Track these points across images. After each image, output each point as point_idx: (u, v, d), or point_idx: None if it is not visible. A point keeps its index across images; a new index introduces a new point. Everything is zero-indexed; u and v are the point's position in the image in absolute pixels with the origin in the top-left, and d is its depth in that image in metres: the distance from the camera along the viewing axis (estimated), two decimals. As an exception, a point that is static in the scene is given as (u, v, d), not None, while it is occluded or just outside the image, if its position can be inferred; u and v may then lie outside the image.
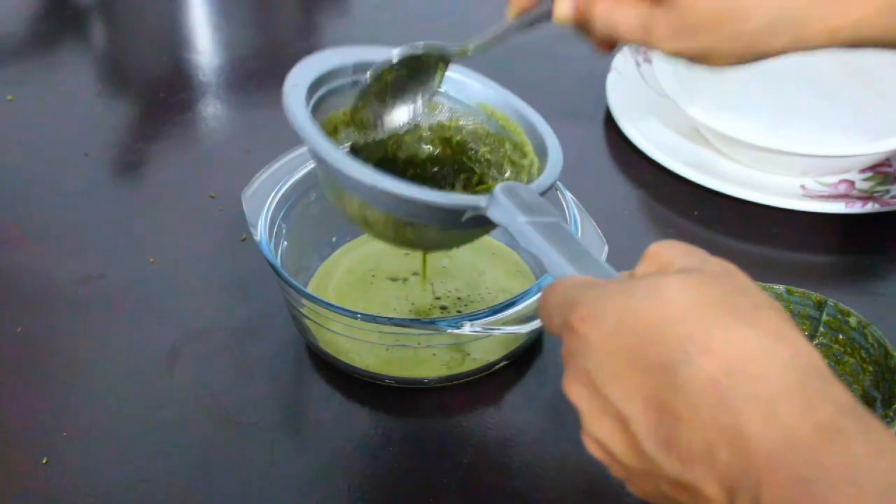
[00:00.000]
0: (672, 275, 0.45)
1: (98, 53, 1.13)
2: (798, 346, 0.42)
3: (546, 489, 0.66)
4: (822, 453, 0.39)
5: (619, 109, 0.95)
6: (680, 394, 0.41)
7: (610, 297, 0.44)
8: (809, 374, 0.41)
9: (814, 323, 0.74)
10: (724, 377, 0.41)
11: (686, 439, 0.41)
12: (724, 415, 0.40)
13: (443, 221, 0.62)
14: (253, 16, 1.18)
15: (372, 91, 0.69)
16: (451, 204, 0.59)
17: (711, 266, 0.46)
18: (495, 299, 0.76)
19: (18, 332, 0.77)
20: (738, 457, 0.40)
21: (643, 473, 0.44)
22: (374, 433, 0.70)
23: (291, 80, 0.65)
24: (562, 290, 0.47)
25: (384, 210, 0.62)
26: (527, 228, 0.54)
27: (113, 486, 0.67)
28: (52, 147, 0.95)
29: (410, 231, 0.63)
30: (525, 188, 0.58)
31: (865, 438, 0.39)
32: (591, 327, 0.44)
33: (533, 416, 0.72)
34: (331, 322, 0.70)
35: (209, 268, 0.82)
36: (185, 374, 0.74)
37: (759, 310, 0.43)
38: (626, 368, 0.43)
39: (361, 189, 0.61)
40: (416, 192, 0.59)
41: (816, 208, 0.86)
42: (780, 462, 0.39)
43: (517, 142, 0.70)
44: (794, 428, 0.39)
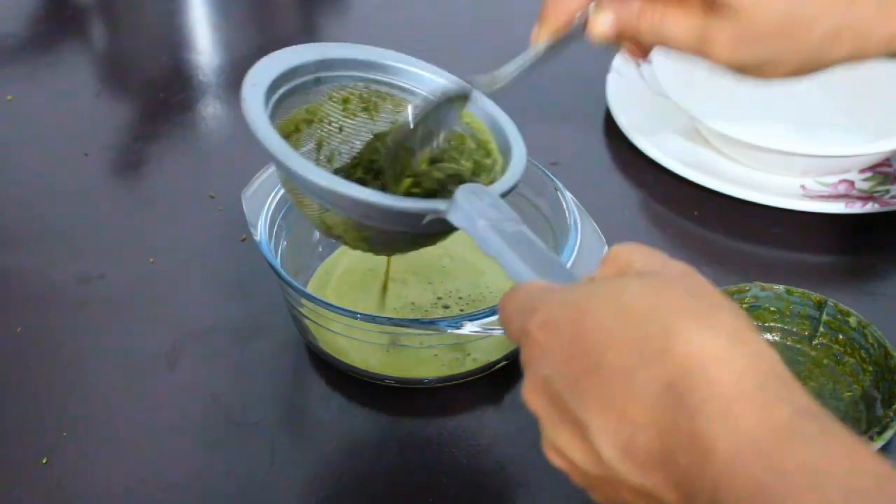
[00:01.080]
0: (629, 278, 0.44)
1: (98, 53, 1.13)
2: (756, 347, 0.41)
3: (546, 489, 0.66)
4: (781, 457, 0.38)
5: (619, 109, 0.95)
6: (637, 398, 0.41)
7: (566, 303, 0.44)
8: (767, 375, 0.40)
9: (814, 323, 0.74)
10: (681, 380, 0.40)
11: (644, 445, 0.41)
12: (681, 419, 0.40)
13: (404, 225, 0.60)
14: (253, 16, 1.18)
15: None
16: (413, 208, 0.58)
17: (670, 268, 0.46)
18: (496, 299, 0.76)
19: (18, 332, 0.77)
20: (696, 461, 0.39)
21: (603, 481, 0.43)
22: (374, 433, 0.70)
23: (250, 80, 0.64)
24: (520, 297, 0.47)
25: (343, 214, 0.61)
26: (487, 233, 0.53)
27: (113, 486, 0.67)
28: (52, 147, 0.95)
29: (371, 234, 0.62)
30: (486, 191, 0.57)
31: (824, 440, 0.38)
32: (548, 333, 0.44)
33: (533, 416, 0.72)
34: (330, 322, 0.70)
35: (209, 268, 0.82)
36: (185, 374, 0.74)
37: (717, 311, 0.42)
38: (584, 374, 0.42)
39: (320, 193, 0.60)
40: (376, 197, 0.58)
41: (816, 208, 0.86)
42: (737, 466, 0.38)
43: (481, 140, 0.68)
44: (752, 431, 0.39)
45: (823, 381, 0.72)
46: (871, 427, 0.67)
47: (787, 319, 0.74)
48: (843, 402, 0.71)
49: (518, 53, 0.69)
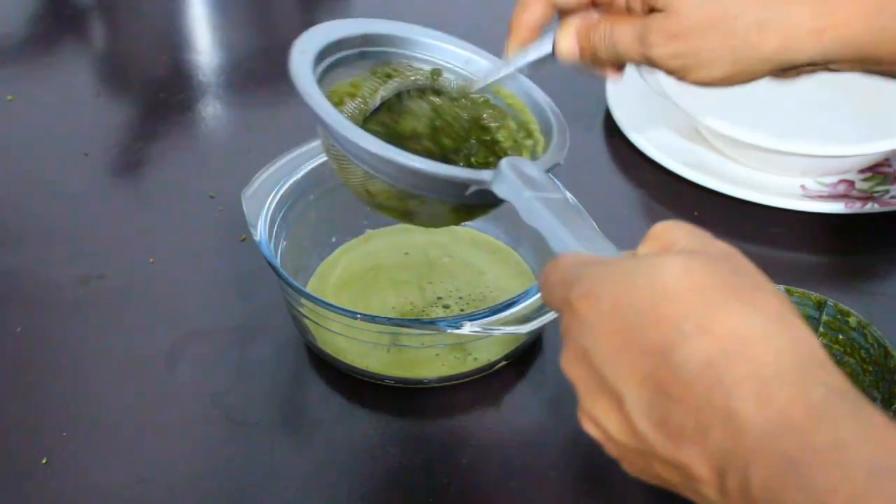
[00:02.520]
0: (673, 255, 0.45)
1: (98, 53, 1.13)
2: (796, 329, 0.42)
3: (546, 489, 0.66)
4: (811, 434, 0.39)
5: (619, 110, 0.95)
6: (675, 374, 0.41)
7: (609, 276, 0.44)
8: (805, 357, 0.41)
9: (814, 323, 0.74)
10: (720, 358, 0.41)
11: (679, 419, 0.41)
12: (717, 395, 0.40)
13: (447, 195, 0.61)
14: (253, 16, 1.18)
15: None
16: (457, 177, 0.58)
17: (714, 248, 0.46)
18: (496, 299, 0.76)
19: (18, 332, 0.77)
20: (730, 437, 0.40)
21: (636, 452, 0.44)
22: (374, 433, 0.70)
23: (299, 47, 0.64)
24: (563, 267, 0.47)
25: (388, 181, 0.61)
26: (533, 203, 0.53)
27: (113, 486, 0.67)
28: (52, 147, 0.95)
29: (414, 203, 0.62)
30: (530, 164, 0.57)
31: (854, 420, 0.39)
32: (589, 305, 0.44)
33: (533, 416, 0.72)
34: (330, 322, 0.70)
35: (209, 268, 0.82)
36: (185, 374, 0.74)
37: (758, 292, 0.43)
38: (623, 347, 0.43)
39: (366, 158, 0.60)
40: (422, 164, 0.58)
41: (816, 208, 0.86)
42: (769, 443, 0.39)
43: (522, 120, 0.68)
44: (786, 409, 0.39)
45: (823, 381, 0.72)
46: (871, 427, 0.67)
47: (787, 319, 0.74)
48: (843, 402, 0.71)
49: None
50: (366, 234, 0.82)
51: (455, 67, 0.70)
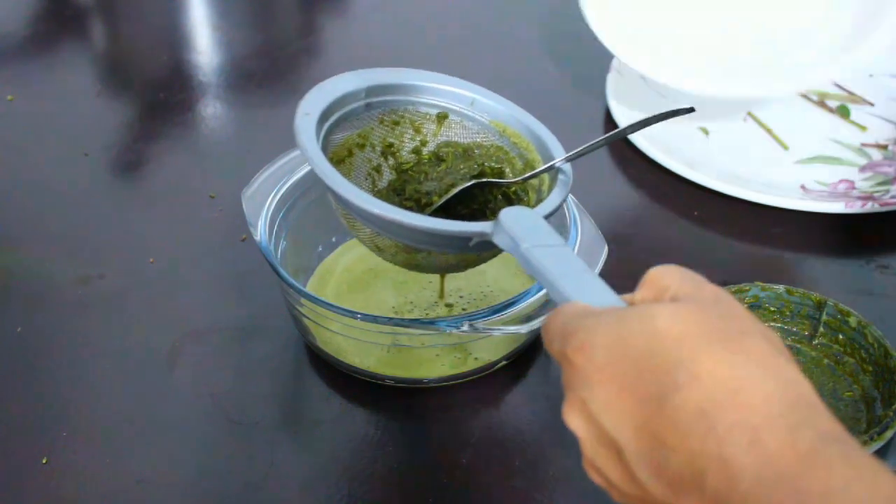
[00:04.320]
0: (664, 304, 0.45)
1: (98, 53, 1.13)
2: (785, 373, 0.43)
3: (546, 489, 0.66)
4: (803, 481, 0.39)
5: (619, 109, 0.95)
6: (669, 422, 0.42)
7: (602, 327, 0.45)
8: (795, 401, 0.42)
9: (814, 323, 0.74)
10: (710, 406, 0.41)
11: (675, 467, 0.42)
12: (710, 443, 0.41)
13: (451, 248, 0.63)
14: (253, 16, 1.18)
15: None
16: (458, 231, 0.60)
17: (703, 292, 0.47)
18: (496, 298, 0.76)
19: (18, 332, 0.77)
20: (725, 484, 0.41)
21: (639, 500, 0.45)
22: (374, 433, 0.70)
23: (302, 109, 0.66)
24: (560, 319, 0.48)
25: (393, 238, 0.63)
26: (529, 255, 0.54)
27: (113, 486, 0.67)
28: (52, 147, 0.95)
29: (421, 257, 0.64)
30: (529, 213, 0.58)
31: (845, 465, 0.39)
32: (584, 357, 0.45)
33: (533, 416, 0.72)
34: (330, 322, 0.70)
35: (209, 268, 0.82)
36: (185, 374, 0.74)
37: (747, 337, 0.43)
38: (619, 397, 0.44)
39: (370, 218, 0.62)
40: (422, 222, 0.60)
41: (816, 208, 0.86)
42: (762, 490, 0.40)
43: (528, 159, 0.70)
44: (777, 455, 0.40)
45: (823, 381, 0.72)
46: (871, 427, 0.67)
47: (787, 319, 0.74)
48: (843, 402, 0.71)
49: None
50: (366, 234, 0.82)
51: (461, 109, 0.72)
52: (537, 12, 1.13)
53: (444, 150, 0.72)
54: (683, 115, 0.64)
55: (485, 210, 0.69)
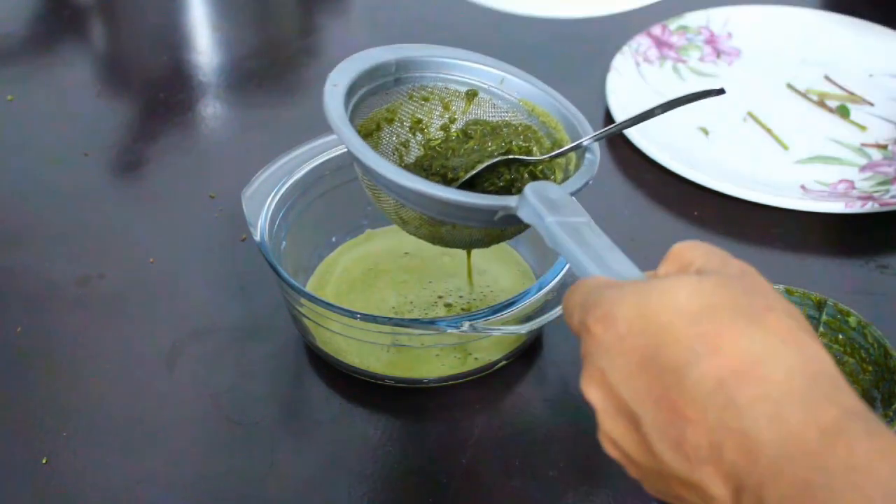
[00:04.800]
0: (686, 276, 0.45)
1: (98, 53, 1.13)
2: (807, 348, 0.42)
3: (546, 489, 0.66)
4: (826, 457, 0.39)
5: (619, 109, 0.95)
6: (688, 395, 0.42)
7: (625, 299, 0.45)
8: (817, 377, 0.41)
9: (814, 323, 0.74)
10: (731, 378, 0.41)
11: (693, 439, 0.42)
12: (730, 416, 0.41)
13: (476, 221, 0.62)
14: (253, 16, 1.18)
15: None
16: (483, 204, 0.60)
17: (730, 267, 0.47)
18: (496, 298, 0.76)
19: (18, 332, 0.77)
20: (744, 458, 0.40)
21: (655, 473, 0.45)
22: (374, 433, 0.70)
23: (332, 80, 0.65)
24: (582, 291, 0.48)
25: (418, 210, 0.63)
26: (554, 229, 0.54)
27: (113, 486, 0.67)
28: (52, 147, 0.95)
29: (445, 230, 0.64)
30: (555, 188, 0.58)
31: (869, 442, 0.39)
32: (605, 328, 0.45)
33: (533, 415, 0.72)
34: (330, 322, 0.70)
35: (209, 268, 0.82)
36: (185, 374, 0.74)
37: (771, 312, 0.43)
38: (639, 369, 0.44)
39: (395, 189, 0.62)
40: (448, 193, 0.60)
41: (816, 208, 0.86)
42: (783, 464, 0.39)
43: (557, 139, 0.69)
44: (799, 430, 0.40)
45: (823, 381, 0.72)
46: (871, 427, 0.67)
47: (787, 319, 0.74)
48: (843, 402, 0.71)
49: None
50: (366, 234, 0.82)
51: (490, 87, 0.72)
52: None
53: (473, 128, 0.71)
54: (714, 96, 0.64)
55: (510, 188, 0.68)
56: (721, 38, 1.06)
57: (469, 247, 0.69)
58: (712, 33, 1.06)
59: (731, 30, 1.06)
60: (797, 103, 0.99)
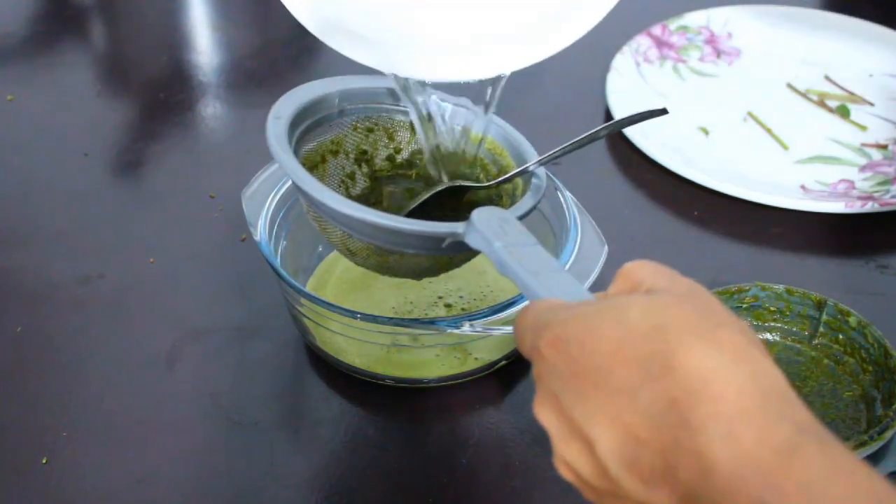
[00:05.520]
0: (637, 296, 0.45)
1: (98, 53, 1.13)
2: (758, 365, 0.42)
3: (546, 489, 0.66)
4: (780, 476, 0.39)
5: (619, 109, 0.95)
6: (641, 415, 0.42)
7: (576, 321, 0.45)
8: (769, 394, 0.41)
9: (814, 323, 0.74)
10: (683, 397, 0.41)
11: (648, 461, 0.42)
12: (683, 436, 0.40)
13: (424, 249, 0.62)
14: (253, 16, 1.18)
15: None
16: (430, 232, 0.60)
17: (677, 285, 0.46)
18: (496, 298, 0.76)
19: (18, 332, 0.77)
20: (698, 478, 0.40)
21: (611, 495, 0.44)
22: (374, 433, 0.70)
23: (274, 112, 0.66)
24: (532, 314, 0.48)
25: (365, 240, 0.63)
26: (502, 254, 0.54)
27: (113, 486, 0.67)
28: (52, 147, 0.95)
29: (393, 259, 0.64)
30: (501, 212, 0.58)
31: (823, 458, 0.39)
32: (556, 351, 0.45)
33: (533, 416, 0.72)
34: (330, 322, 0.70)
35: (209, 268, 0.82)
36: (185, 374, 0.74)
37: (721, 329, 0.43)
38: (591, 390, 0.43)
39: (340, 219, 0.62)
40: (393, 222, 0.60)
41: (816, 208, 0.86)
42: (738, 484, 0.39)
43: (503, 165, 0.70)
44: (752, 449, 0.39)
45: (823, 381, 0.72)
46: (870, 427, 0.67)
47: (787, 319, 0.74)
48: (843, 402, 0.71)
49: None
50: (366, 234, 0.82)
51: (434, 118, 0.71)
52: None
53: (418, 158, 0.72)
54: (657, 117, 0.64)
55: (457, 217, 0.68)
56: (721, 38, 1.06)
57: (419, 276, 0.69)
58: (712, 33, 1.06)
59: (731, 30, 1.06)
60: (797, 103, 0.99)
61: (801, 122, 0.97)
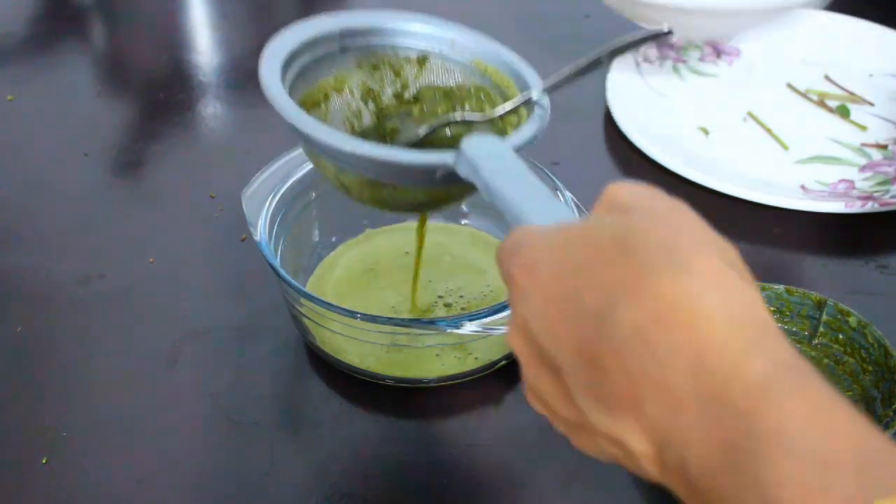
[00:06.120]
0: (609, 216, 0.42)
1: (98, 53, 1.13)
2: (735, 291, 0.38)
3: (546, 489, 0.66)
4: (752, 417, 0.35)
5: (619, 109, 0.95)
6: (606, 342, 0.39)
7: (548, 244, 0.42)
8: (744, 323, 0.37)
9: (814, 323, 0.74)
10: (649, 325, 0.38)
11: (612, 391, 0.39)
12: (650, 366, 0.37)
13: (416, 181, 0.60)
14: (253, 16, 1.18)
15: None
16: (419, 162, 0.58)
17: (657, 205, 0.43)
18: (496, 298, 0.76)
19: (18, 332, 0.77)
20: (664, 413, 0.37)
21: (579, 427, 0.42)
22: (374, 433, 0.70)
23: (269, 49, 0.64)
24: (511, 239, 0.45)
25: (356, 172, 0.61)
26: (489, 180, 0.52)
27: (113, 486, 0.67)
28: (52, 147, 0.95)
29: (387, 192, 0.62)
30: (493, 140, 0.57)
31: (800, 398, 0.35)
32: (527, 275, 0.42)
33: (533, 415, 0.71)
34: (330, 322, 0.70)
35: (209, 268, 0.82)
36: (185, 374, 0.74)
37: (696, 251, 0.39)
38: (559, 316, 0.41)
39: (329, 152, 0.60)
40: (381, 153, 0.58)
41: (816, 208, 0.86)
42: (707, 424, 0.36)
43: (509, 96, 0.68)
44: (723, 386, 0.36)
45: (823, 381, 0.72)
46: (871, 427, 0.67)
47: (787, 319, 0.74)
48: (843, 402, 0.71)
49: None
50: (366, 234, 0.82)
51: (441, 51, 0.70)
52: (537, 12, 1.13)
53: (425, 94, 0.70)
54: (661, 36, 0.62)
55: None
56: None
57: (417, 210, 0.67)
58: (712, 33, 1.06)
59: (731, 30, 1.06)
60: (797, 103, 0.99)
61: (801, 122, 0.97)
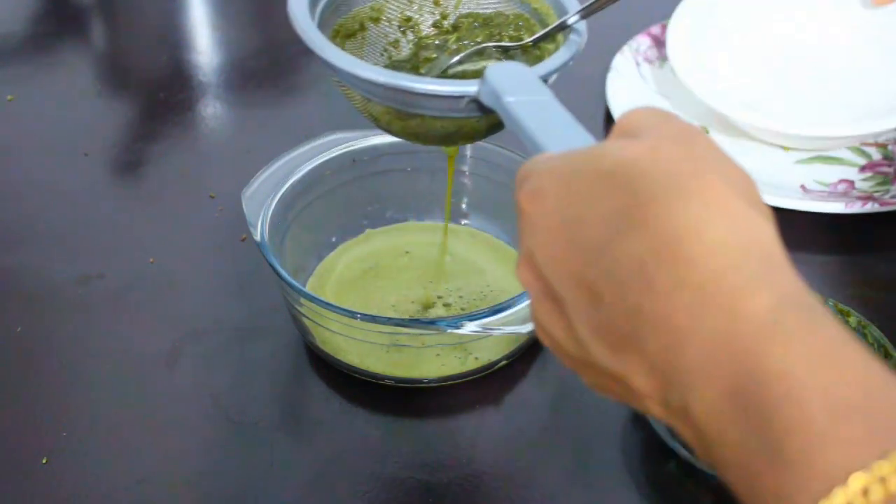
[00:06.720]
0: (616, 141, 0.40)
1: (98, 53, 1.13)
2: (739, 220, 0.36)
3: (546, 489, 0.66)
4: (759, 359, 0.33)
5: (619, 109, 0.95)
6: (606, 275, 0.37)
7: (556, 171, 0.40)
8: (750, 254, 0.36)
9: (814, 323, 0.73)
10: (651, 258, 0.36)
11: (612, 326, 0.37)
12: (650, 302, 0.35)
13: (443, 110, 0.59)
14: (253, 16, 1.18)
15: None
16: (443, 91, 0.57)
17: (669, 128, 0.40)
18: (496, 298, 0.76)
19: (18, 332, 0.77)
20: (666, 352, 0.35)
21: (584, 363, 0.40)
22: (374, 433, 0.70)
23: None
24: (526, 167, 0.43)
25: (382, 102, 0.61)
26: (511, 107, 0.51)
27: (113, 486, 0.67)
28: (52, 147, 0.95)
29: (416, 123, 0.62)
30: (518, 67, 0.56)
31: (809, 338, 0.33)
32: (534, 204, 0.40)
33: (533, 416, 0.72)
34: (330, 322, 0.70)
35: (209, 268, 0.82)
36: (185, 374, 0.74)
37: (704, 177, 0.37)
38: (563, 246, 0.39)
39: (354, 82, 0.60)
40: (402, 81, 0.58)
41: (816, 208, 0.86)
42: (709, 367, 0.34)
43: (548, 24, 0.67)
44: (726, 325, 0.34)
45: (823, 380, 0.72)
46: (871, 427, 0.67)
47: (787, 319, 0.74)
48: (843, 401, 0.70)
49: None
50: (366, 234, 0.82)
51: None
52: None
53: (463, 21, 0.69)
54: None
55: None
56: (721, 38, 1.06)
57: (447, 142, 0.66)
58: (712, 33, 1.06)
59: (731, 30, 1.06)
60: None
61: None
